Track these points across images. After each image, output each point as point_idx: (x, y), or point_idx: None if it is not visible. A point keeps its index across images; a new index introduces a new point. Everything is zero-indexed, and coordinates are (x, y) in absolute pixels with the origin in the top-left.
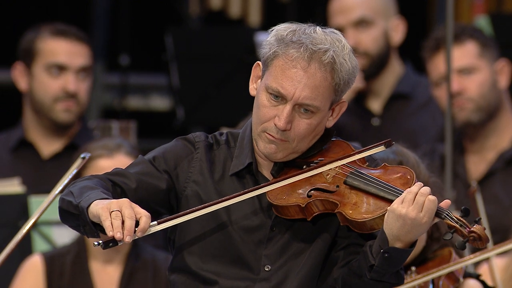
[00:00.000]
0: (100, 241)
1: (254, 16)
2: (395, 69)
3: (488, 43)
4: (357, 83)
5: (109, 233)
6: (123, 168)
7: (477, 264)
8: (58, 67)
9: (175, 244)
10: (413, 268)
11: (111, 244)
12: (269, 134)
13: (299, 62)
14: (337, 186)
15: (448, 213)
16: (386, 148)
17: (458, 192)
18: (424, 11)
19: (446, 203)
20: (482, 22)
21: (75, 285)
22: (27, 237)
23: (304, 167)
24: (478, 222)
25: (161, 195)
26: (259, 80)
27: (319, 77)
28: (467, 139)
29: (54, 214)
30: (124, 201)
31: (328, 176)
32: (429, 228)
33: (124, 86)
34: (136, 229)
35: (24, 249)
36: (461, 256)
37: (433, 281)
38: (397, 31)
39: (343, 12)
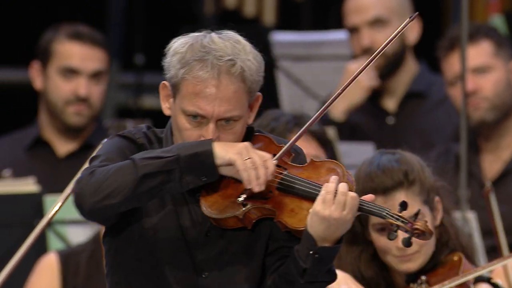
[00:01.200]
0: (244, 196)
1: (269, 16)
2: (410, 68)
3: (503, 42)
4: (372, 81)
5: (249, 185)
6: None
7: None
8: (71, 70)
9: (112, 277)
10: (423, 278)
11: (248, 197)
12: None
13: (209, 82)
14: (271, 192)
15: (388, 211)
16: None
17: (473, 191)
18: (439, 10)
19: (370, 197)
20: (497, 21)
21: (90, 283)
22: (42, 236)
23: None
24: (417, 215)
25: None
26: (171, 99)
27: (232, 89)
28: (482, 139)
29: (69, 213)
30: (249, 145)
31: None
32: (437, 232)
33: (139, 85)
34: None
35: (39, 248)
36: (470, 260)
37: None
38: (412, 30)
39: (359, 12)
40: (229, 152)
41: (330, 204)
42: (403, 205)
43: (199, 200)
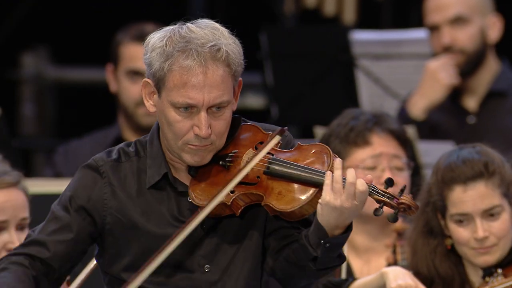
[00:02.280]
0: None
1: (349, 15)
2: (491, 67)
3: None
4: (452, 79)
5: None
6: (35, 231)
7: None
8: (136, 72)
9: (110, 274)
10: (500, 271)
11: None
12: (193, 145)
13: (196, 70)
14: (258, 177)
15: (374, 187)
16: (280, 136)
17: None
18: None
19: (367, 179)
20: None
21: None
22: None
23: (221, 162)
24: (403, 191)
25: (81, 240)
26: (155, 96)
27: (219, 74)
28: None
29: None
30: None
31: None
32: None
33: None
34: None
35: None
36: None
37: None
38: (494, 28)
39: (439, 10)
40: None
41: (340, 193)
42: (389, 182)
43: (187, 193)
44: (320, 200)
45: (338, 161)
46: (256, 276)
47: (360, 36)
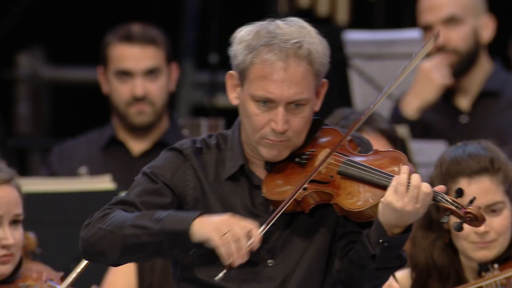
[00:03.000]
0: (221, 274)
1: (342, 15)
2: (484, 67)
3: None
4: (445, 79)
5: (227, 261)
6: (125, 193)
7: None
8: (125, 72)
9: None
10: (496, 266)
11: (229, 272)
12: (269, 139)
13: (277, 64)
14: (331, 177)
15: (442, 196)
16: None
17: None
18: None
19: (440, 188)
20: None
21: (165, 279)
22: None
23: (297, 160)
24: (472, 202)
25: (167, 208)
26: (238, 89)
27: (301, 71)
28: None
29: None
30: (230, 218)
31: (321, 168)
32: (440, 215)
33: (214, 84)
34: (249, 245)
35: None
36: None
37: None
38: (487, 28)
39: (433, 10)
40: (205, 229)
41: (403, 196)
42: (459, 192)
43: (261, 186)
44: (382, 199)
45: (405, 167)
46: (318, 278)
47: (353, 36)
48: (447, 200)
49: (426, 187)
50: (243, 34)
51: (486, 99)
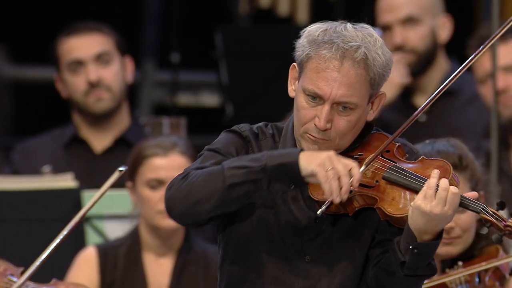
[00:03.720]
0: (324, 207)
1: (302, 15)
2: (442, 66)
3: None
4: (404, 78)
5: (330, 196)
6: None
7: None
8: (76, 63)
9: (223, 246)
10: (460, 263)
11: (328, 207)
12: (311, 135)
13: (332, 62)
14: (377, 181)
15: (484, 207)
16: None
17: (504, 187)
18: (470, 9)
19: (473, 195)
20: None
21: (128, 276)
22: (81, 230)
23: None
24: None
25: None
26: (297, 82)
27: (353, 74)
28: None
29: (106, 208)
30: (333, 154)
31: (367, 172)
32: (476, 225)
33: (175, 83)
34: (350, 182)
35: (78, 243)
36: (508, 253)
37: (479, 276)
38: (444, 28)
39: (391, 10)
40: (312, 164)
41: (432, 199)
42: (501, 205)
43: (308, 185)
44: (412, 204)
45: (435, 171)
46: (354, 281)
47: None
48: (488, 212)
49: (454, 189)
50: (312, 29)
51: (444, 98)
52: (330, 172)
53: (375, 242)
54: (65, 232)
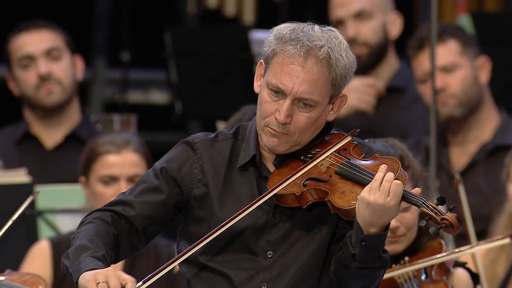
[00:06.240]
0: None
1: (249, 15)
2: (391, 63)
3: (469, 41)
4: (362, 104)
5: None
6: (123, 192)
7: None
8: (26, 58)
9: (183, 240)
10: (406, 258)
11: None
12: (271, 128)
13: (296, 59)
14: (330, 176)
15: (424, 201)
16: (352, 137)
17: (442, 182)
18: (409, 10)
19: (416, 191)
20: (464, 21)
21: None
22: (33, 224)
23: (302, 157)
24: (452, 210)
25: (167, 205)
26: (262, 78)
27: (316, 72)
28: (450, 132)
29: (59, 202)
30: (109, 271)
31: (322, 167)
32: (419, 219)
33: (125, 81)
34: None
35: (31, 236)
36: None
37: (425, 270)
38: (395, 25)
39: (344, 5)
40: (85, 279)
41: (376, 190)
42: (441, 200)
43: (267, 179)
44: (358, 197)
45: (383, 166)
46: (315, 275)
47: (259, 35)
48: (427, 206)
49: (397, 181)
50: (281, 27)
51: (391, 95)
52: (100, 285)
53: (336, 238)
54: (5, 227)
